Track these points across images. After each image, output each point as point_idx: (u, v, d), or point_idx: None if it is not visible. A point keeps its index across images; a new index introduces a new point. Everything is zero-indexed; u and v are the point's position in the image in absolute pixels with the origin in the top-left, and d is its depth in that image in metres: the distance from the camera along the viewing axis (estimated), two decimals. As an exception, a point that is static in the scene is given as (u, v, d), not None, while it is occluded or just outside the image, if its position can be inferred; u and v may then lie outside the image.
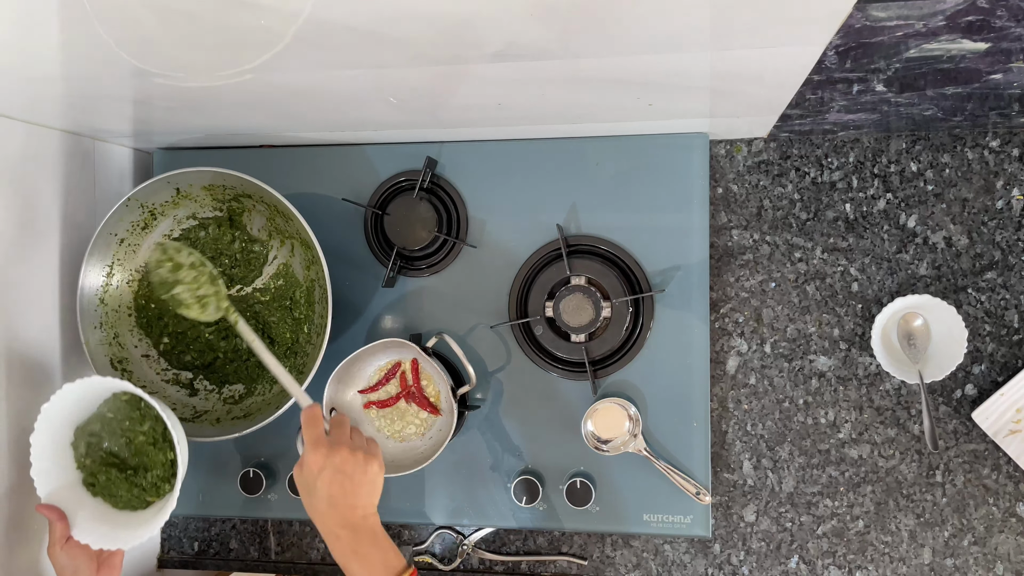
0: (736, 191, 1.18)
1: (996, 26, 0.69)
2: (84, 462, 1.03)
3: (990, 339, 1.12)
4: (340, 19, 0.68)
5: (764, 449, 1.17)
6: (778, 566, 1.17)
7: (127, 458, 1.04)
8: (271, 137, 1.19)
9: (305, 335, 1.16)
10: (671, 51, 0.76)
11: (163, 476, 1.05)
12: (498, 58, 0.78)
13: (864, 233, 1.15)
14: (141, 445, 1.04)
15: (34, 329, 1.06)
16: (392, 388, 1.17)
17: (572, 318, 1.11)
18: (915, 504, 1.14)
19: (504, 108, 0.99)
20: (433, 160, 1.17)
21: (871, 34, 0.71)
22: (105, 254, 1.12)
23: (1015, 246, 1.12)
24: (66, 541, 0.96)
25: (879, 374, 1.15)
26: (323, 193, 1.20)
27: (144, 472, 1.04)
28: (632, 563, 1.21)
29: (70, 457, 1.03)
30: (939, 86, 0.88)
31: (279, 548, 1.29)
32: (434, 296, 1.18)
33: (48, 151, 1.08)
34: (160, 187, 1.10)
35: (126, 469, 1.04)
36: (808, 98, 0.93)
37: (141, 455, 1.04)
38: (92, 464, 1.03)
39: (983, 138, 1.12)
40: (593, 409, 1.12)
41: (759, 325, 1.17)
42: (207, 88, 0.90)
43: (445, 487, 1.18)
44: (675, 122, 1.07)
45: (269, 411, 1.08)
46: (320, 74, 0.84)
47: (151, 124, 1.09)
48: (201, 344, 1.18)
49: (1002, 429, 1.09)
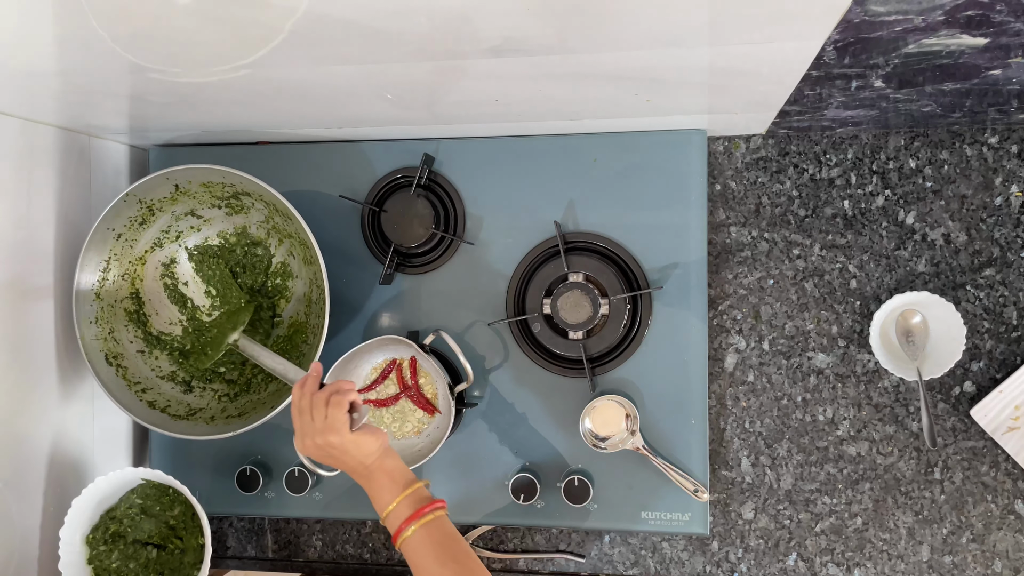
0: (734, 188, 1.18)
1: (995, 21, 0.69)
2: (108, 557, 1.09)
3: (989, 336, 1.12)
4: (337, 14, 0.68)
5: (762, 446, 1.17)
6: (776, 563, 1.17)
7: (158, 545, 1.11)
8: (267, 133, 1.18)
9: (302, 335, 1.16)
10: (669, 47, 0.76)
11: (192, 562, 1.10)
12: (495, 53, 0.78)
13: (863, 230, 1.15)
14: (172, 532, 1.11)
15: (28, 325, 1.06)
16: (389, 385, 1.16)
17: (570, 315, 1.11)
18: (913, 501, 1.14)
19: (501, 104, 0.99)
20: (430, 157, 1.17)
21: (870, 29, 0.70)
22: (102, 249, 1.11)
23: (1014, 243, 1.11)
24: None
25: (877, 371, 1.14)
26: (320, 190, 1.20)
27: (180, 557, 1.10)
28: (630, 560, 1.21)
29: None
30: (938, 82, 0.88)
31: (276, 546, 1.29)
32: (431, 293, 1.18)
33: (43, 147, 1.08)
34: (159, 183, 1.10)
35: (159, 559, 1.10)
36: (807, 94, 0.93)
37: (171, 541, 1.11)
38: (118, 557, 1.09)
39: (982, 135, 1.12)
40: (591, 406, 1.12)
41: (757, 322, 1.17)
42: (203, 84, 0.90)
43: (443, 484, 1.17)
44: (673, 118, 1.07)
45: (264, 411, 1.08)
46: (317, 70, 0.84)
47: (147, 120, 1.09)
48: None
49: (1000, 426, 1.09)
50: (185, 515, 1.12)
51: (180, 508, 1.12)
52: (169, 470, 1.21)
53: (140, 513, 1.11)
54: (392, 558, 1.27)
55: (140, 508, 1.11)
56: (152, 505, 1.12)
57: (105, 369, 1.10)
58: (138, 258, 1.16)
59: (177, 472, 1.22)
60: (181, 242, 1.19)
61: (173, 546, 1.11)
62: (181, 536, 1.11)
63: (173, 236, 1.18)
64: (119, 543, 1.09)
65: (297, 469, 1.18)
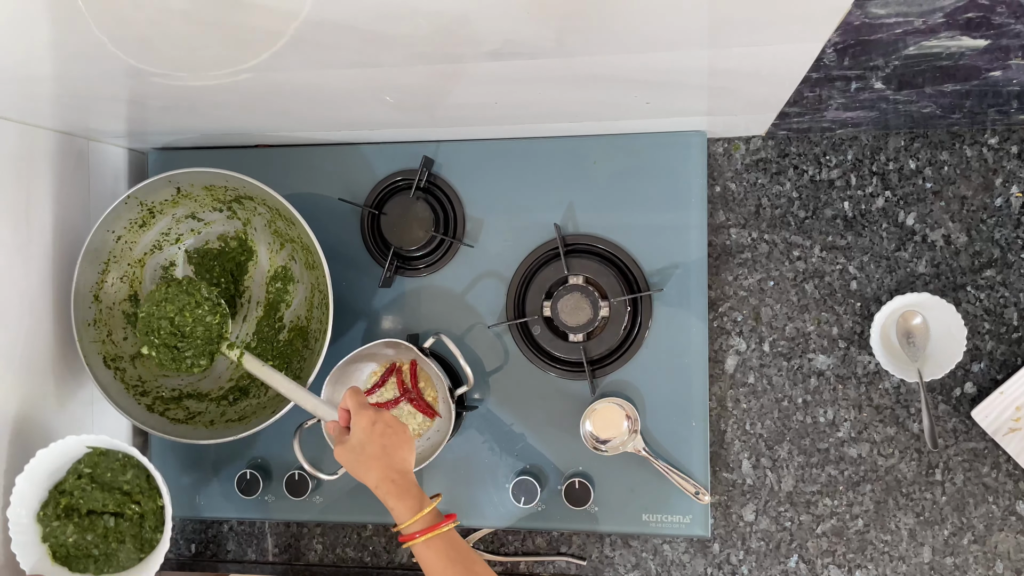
0: (734, 189, 1.17)
1: (995, 23, 0.69)
2: (63, 530, 1.04)
3: (989, 337, 1.12)
4: (338, 18, 0.68)
5: (763, 448, 1.17)
6: (777, 565, 1.17)
7: (115, 513, 1.06)
8: (267, 137, 1.18)
9: (303, 340, 1.15)
10: (669, 49, 0.76)
11: (154, 526, 1.07)
12: (495, 56, 0.78)
13: (863, 231, 1.15)
14: (128, 498, 1.07)
15: (25, 329, 1.06)
16: (389, 389, 1.16)
17: (570, 318, 1.11)
18: (915, 503, 1.14)
19: (501, 107, 0.99)
20: (430, 159, 1.16)
21: (870, 31, 0.70)
22: (101, 251, 1.11)
23: (1014, 243, 1.11)
24: None
25: (878, 372, 1.14)
26: (319, 193, 1.20)
27: (140, 522, 1.06)
28: (631, 563, 1.21)
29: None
30: (938, 83, 0.88)
31: (276, 549, 1.29)
32: (431, 296, 1.18)
33: (42, 151, 1.08)
34: (160, 186, 1.10)
35: (118, 528, 1.06)
36: (806, 96, 0.93)
37: (127, 507, 1.06)
38: (74, 530, 1.05)
39: (982, 135, 1.12)
40: (591, 409, 1.12)
41: (758, 324, 1.17)
42: (203, 87, 0.89)
43: (443, 487, 1.17)
44: (673, 120, 1.07)
45: (264, 415, 1.08)
46: (317, 73, 0.84)
47: (146, 124, 1.09)
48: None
49: (1002, 427, 1.09)
50: (139, 478, 1.07)
51: (132, 472, 1.07)
52: (168, 474, 1.21)
53: (90, 483, 1.05)
54: (393, 561, 1.26)
55: (89, 478, 1.05)
56: (102, 473, 1.06)
57: (103, 372, 1.10)
58: (137, 260, 1.16)
59: (177, 476, 1.22)
60: (180, 245, 1.19)
61: (131, 512, 1.06)
62: (138, 501, 1.06)
63: (173, 239, 1.18)
64: (72, 516, 1.04)
65: (297, 472, 1.17)
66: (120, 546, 1.05)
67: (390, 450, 0.93)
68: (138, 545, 1.06)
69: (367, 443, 0.93)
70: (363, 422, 0.94)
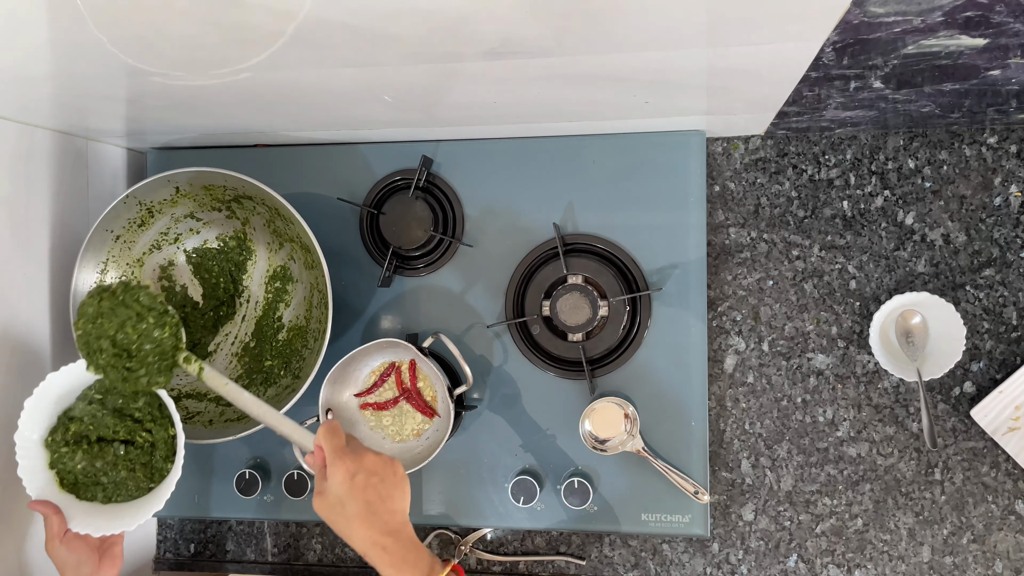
0: (733, 189, 1.17)
1: (994, 22, 0.69)
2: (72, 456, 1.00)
3: (988, 336, 1.12)
4: (337, 17, 0.68)
5: (762, 448, 1.17)
6: (777, 565, 1.17)
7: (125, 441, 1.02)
8: (266, 136, 1.18)
9: (302, 340, 1.15)
10: (668, 48, 0.76)
11: (165, 455, 1.02)
12: (493, 55, 0.78)
13: (862, 230, 1.15)
14: (139, 425, 1.01)
15: (23, 327, 1.05)
16: (388, 389, 1.16)
17: (569, 317, 1.11)
18: (914, 502, 1.14)
19: (499, 106, 0.99)
20: (429, 159, 1.16)
21: (869, 30, 0.70)
22: (100, 251, 1.11)
23: (1013, 243, 1.11)
24: (64, 535, 0.94)
25: (877, 372, 1.14)
26: (318, 192, 1.20)
27: (151, 451, 1.01)
28: (630, 563, 1.21)
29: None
30: (937, 83, 0.88)
31: (276, 549, 1.29)
32: (430, 296, 1.18)
33: (41, 151, 1.08)
34: (160, 185, 1.09)
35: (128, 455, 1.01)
36: (805, 95, 0.93)
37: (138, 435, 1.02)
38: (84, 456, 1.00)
39: (981, 135, 1.12)
40: (591, 408, 1.12)
41: (757, 323, 1.17)
42: (202, 86, 0.89)
43: (442, 487, 1.17)
44: (672, 120, 1.07)
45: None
46: (316, 72, 0.84)
47: (145, 123, 1.09)
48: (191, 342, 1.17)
49: (1001, 427, 1.09)
50: (151, 406, 1.02)
51: (144, 399, 1.02)
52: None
53: (101, 408, 1.00)
54: (392, 561, 1.26)
55: (100, 403, 1.00)
56: (113, 399, 1.01)
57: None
58: (136, 260, 1.16)
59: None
60: (179, 244, 1.18)
61: (142, 440, 1.01)
62: (149, 428, 1.02)
63: (172, 238, 1.18)
64: (82, 443, 1.00)
65: (296, 472, 1.17)
66: (130, 474, 1.01)
67: (375, 506, 0.79)
68: (148, 474, 1.02)
69: (347, 500, 0.79)
70: (340, 475, 0.80)
